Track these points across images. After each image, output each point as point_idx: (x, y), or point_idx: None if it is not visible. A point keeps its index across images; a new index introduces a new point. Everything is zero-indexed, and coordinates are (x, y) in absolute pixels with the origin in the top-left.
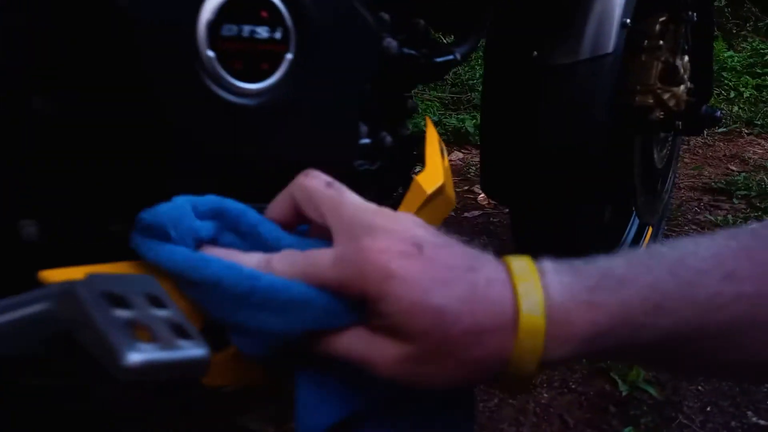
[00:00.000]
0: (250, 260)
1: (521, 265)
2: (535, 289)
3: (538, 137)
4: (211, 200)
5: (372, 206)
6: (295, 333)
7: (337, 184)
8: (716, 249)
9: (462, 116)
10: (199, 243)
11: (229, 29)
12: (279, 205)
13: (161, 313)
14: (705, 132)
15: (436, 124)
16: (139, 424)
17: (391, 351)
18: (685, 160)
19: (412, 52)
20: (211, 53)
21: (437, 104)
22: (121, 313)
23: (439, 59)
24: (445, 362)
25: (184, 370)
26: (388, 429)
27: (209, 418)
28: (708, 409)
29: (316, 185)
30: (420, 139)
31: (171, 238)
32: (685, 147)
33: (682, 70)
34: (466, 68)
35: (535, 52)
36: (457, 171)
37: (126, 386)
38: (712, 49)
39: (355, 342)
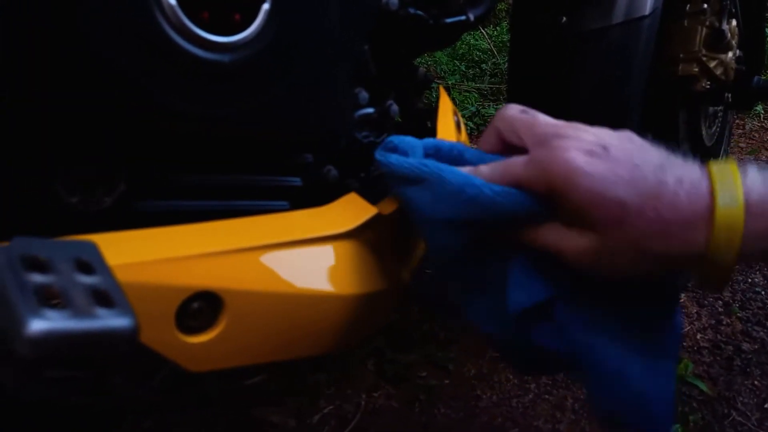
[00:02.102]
0: (462, 170)
1: (722, 166)
2: (734, 184)
3: (569, 111)
4: (431, 140)
5: (563, 122)
6: (493, 224)
7: (531, 110)
8: None
9: (501, 107)
10: None
11: None
12: (486, 137)
13: (86, 279)
14: (762, 115)
15: (474, 114)
16: (159, 416)
17: (579, 242)
18: (741, 144)
19: (419, 12)
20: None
21: (475, 95)
22: (36, 278)
23: (449, 20)
24: (628, 254)
25: (103, 343)
26: (583, 314)
27: (230, 412)
28: (766, 405)
29: (513, 112)
30: (433, 110)
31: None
32: (740, 131)
33: (729, 35)
34: (506, 58)
35: (564, 18)
36: None
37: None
38: (765, 13)
39: (549, 233)
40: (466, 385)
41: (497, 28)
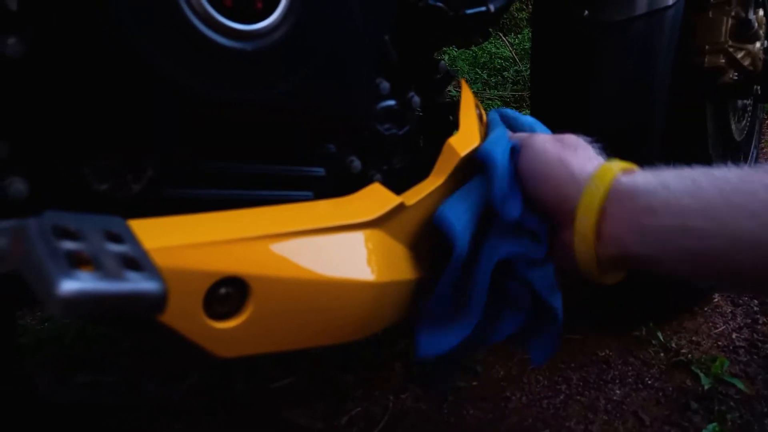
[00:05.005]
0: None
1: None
2: (621, 166)
3: (591, 105)
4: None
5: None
6: None
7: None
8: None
9: (524, 113)
10: None
11: None
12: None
13: (115, 247)
14: None
15: None
16: (187, 418)
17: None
18: None
19: (438, 2)
20: None
21: (498, 102)
22: (67, 245)
23: (469, 11)
24: (567, 147)
25: (132, 305)
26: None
27: (258, 414)
28: None
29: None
30: (456, 105)
31: None
32: None
33: (756, 25)
34: (527, 66)
35: (586, 11)
36: None
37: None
38: None
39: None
40: (494, 386)
41: (519, 35)
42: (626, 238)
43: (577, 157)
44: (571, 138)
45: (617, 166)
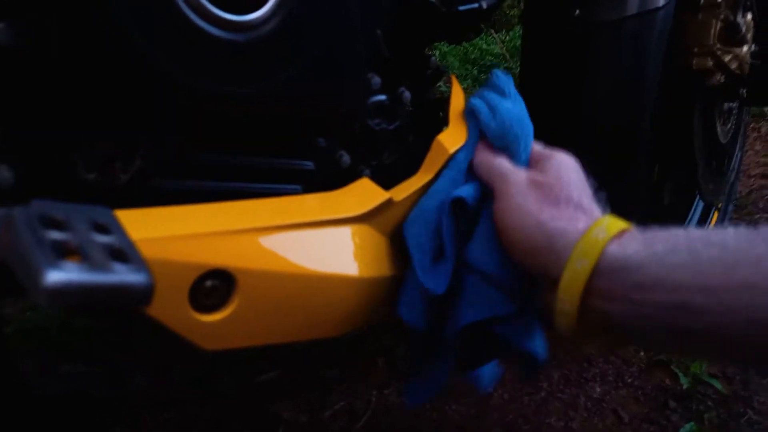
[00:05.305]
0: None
1: (614, 219)
2: (614, 227)
3: (581, 105)
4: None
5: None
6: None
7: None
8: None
9: None
10: None
11: None
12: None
13: (102, 238)
14: None
15: None
16: (173, 410)
17: (524, 174)
18: (756, 147)
19: None
20: None
21: None
22: (54, 234)
23: (462, 8)
24: (546, 199)
25: (118, 297)
26: None
27: (244, 406)
28: None
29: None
30: (446, 101)
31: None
32: (755, 134)
33: (744, 29)
34: (518, 63)
35: (578, 11)
36: None
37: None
38: None
39: (507, 164)
40: None
41: (510, 33)
42: (612, 313)
43: (559, 218)
44: (552, 181)
45: (605, 233)
